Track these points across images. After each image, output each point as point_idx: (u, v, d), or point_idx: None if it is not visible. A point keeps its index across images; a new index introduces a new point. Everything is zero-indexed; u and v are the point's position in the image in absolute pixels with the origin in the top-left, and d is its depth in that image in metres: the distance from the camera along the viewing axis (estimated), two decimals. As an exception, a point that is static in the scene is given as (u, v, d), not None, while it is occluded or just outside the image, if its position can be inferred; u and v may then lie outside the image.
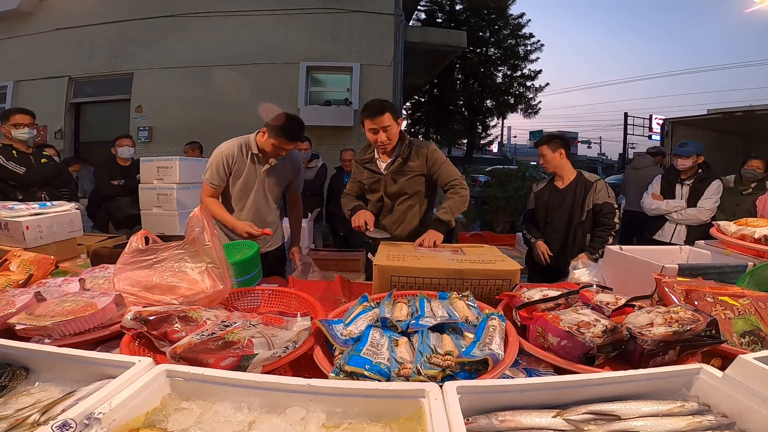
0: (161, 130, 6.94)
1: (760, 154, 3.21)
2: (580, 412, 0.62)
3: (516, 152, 30.76)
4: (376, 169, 1.95)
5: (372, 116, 1.78)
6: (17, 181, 2.61)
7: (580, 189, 2.24)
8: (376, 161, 1.97)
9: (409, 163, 1.89)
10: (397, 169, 1.89)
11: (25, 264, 1.30)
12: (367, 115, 1.79)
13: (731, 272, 1.28)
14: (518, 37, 14.69)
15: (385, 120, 1.78)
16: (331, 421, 0.60)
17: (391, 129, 1.81)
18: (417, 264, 1.25)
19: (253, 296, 1.25)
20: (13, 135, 2.59)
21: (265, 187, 1.98)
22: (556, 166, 2.32)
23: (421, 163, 1.89)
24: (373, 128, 1.80)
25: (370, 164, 1.98)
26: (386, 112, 1.78)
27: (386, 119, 1.78)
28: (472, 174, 9.90)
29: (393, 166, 1.90)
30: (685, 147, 2.87)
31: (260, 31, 6.78)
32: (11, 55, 7.31)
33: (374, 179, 1.97)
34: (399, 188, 1.92)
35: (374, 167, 1.96)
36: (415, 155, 1.89)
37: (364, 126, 1.84)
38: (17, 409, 0.62)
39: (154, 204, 3.19)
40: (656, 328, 0.81)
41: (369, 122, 1.80)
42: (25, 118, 2.63)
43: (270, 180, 1.98)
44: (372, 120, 1.78)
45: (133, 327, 0.85)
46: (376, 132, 1.80)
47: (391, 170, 1.90)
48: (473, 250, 1.48)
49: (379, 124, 1.78)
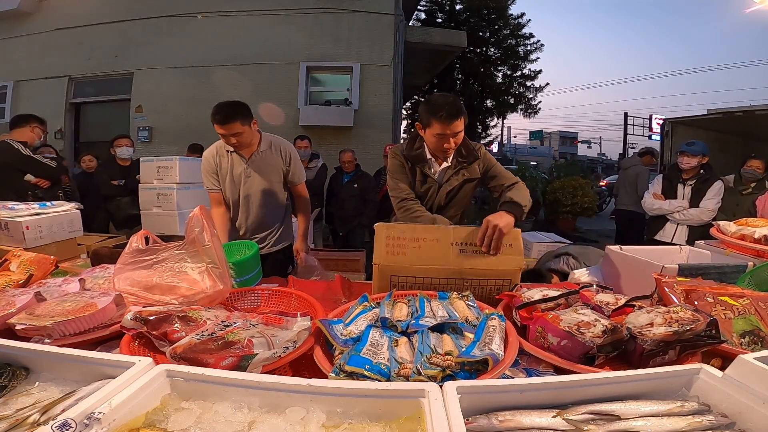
0: (161, 130, 6.95)
1: (760, 154, 3.21)
2: (580, 412, 0.62)
3: (516, 152, 30.74)
4: (429, 173, 1.62)
5: (447, 120, 1.43)
6: (47, 175, 2.67)
7: None
8: (429, 162, 1.62)
9: (464, 173, 1.60)
10: (454, 180, 1.60)
11: (25, 264, 1.30)
12: (440, 119, 1.43)
13: (731, 272, 1.28)
14: (518, 37, 14.68)
15: (460, 125, 1.46)
16: (331, 421, 0.60)
17: (461, 134, 1.51)
18: (417, 258, 1.21)
19: (253, 296, 1.25)
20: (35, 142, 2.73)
21: (255, 179, 1.95)
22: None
23: (474, 167, 1.61)
24: (443, 134, 1.45)
25: (422, 165, 1.61)
26: (461, 115, 1.45)
27: (461, 124, 1.47)
28: (472, 174, 9.90)
29: (455, 174, 1.60)
30: (693, 146, 2.86)
31: (260, 31, 6.78)
32: (11, 55, 7.32)
33: (426, 186, 1.63)
34: (451, 199, 1.64)
35: (427, 170, 1.62)
36: (467, 163, 1.61)
37: (426, 127, 1.50)
38: (17, 409, 0.62)
39: (154, 204, 3.19)
40: (656, 328, 0.81)
41: (440, 126, 1.44)
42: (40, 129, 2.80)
43: (257, 172, 1.95)
44: (447, 124, 1.43)
45: (133, 327, 0.85)
46: (446, 138, 1.46)
47: (452, 180, 1.60)
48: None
49: (453, 129, 1.45)
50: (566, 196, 7.14)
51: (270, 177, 1.98)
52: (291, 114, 6.64)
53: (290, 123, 6.54)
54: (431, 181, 1.62)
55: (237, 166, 1.94)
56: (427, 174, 1.62)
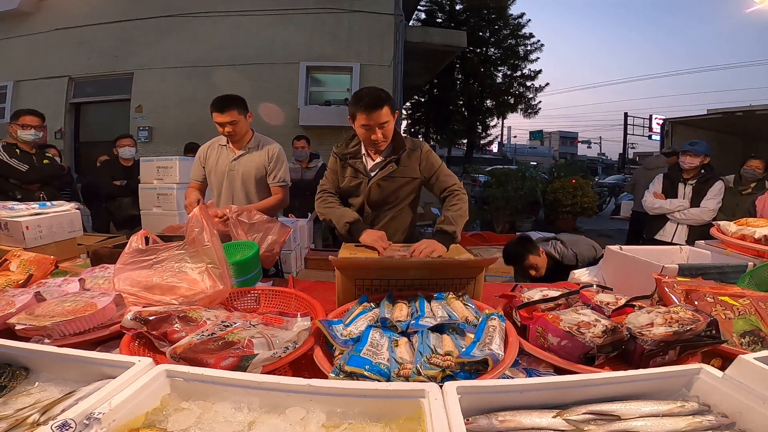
0: (161, 130, 6.95)
1: (760, 154, 3.21)
2: (580, 412, 0.62)
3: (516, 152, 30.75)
4: (361, 169, 1.63)
5: (367, 110, 1.46)
6: (19, 178, 2.63)
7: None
8: (362, 157, 1.64)
9: (401, 167, 1.59)
10: (386, 173, 1.59)
11: (25, 264, 1.30)
12: (361, 109, 1.48)
13: (731, 272, 1.28)
14: (518, 37, 14.69)
15: (383, 115, 1.47)
16: (331, 421, 0.60)
17: (389, 125, 1.51)
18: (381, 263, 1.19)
19: (253, 296, 1.25)
20: (18, 135, 2.64)
21: (236, 175, 2.03)
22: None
23: (413, 166, 1.61)
24: (367, 124, 1.49)
25: (354, 160, 1.64)
26: (384, 105, 1.47)
27: (384, 114, 1.47)
28: (472, 174, 9.91)
29: (383, 169, 1.59)
30: (696, 146, 2.87)
31: (260, 31, 6.79)
32: (11, 55, 7.33)
33: (357, 181, 1.64)
34: (386, 195, 1.62)
35: (359, 165, 1.63)
36: (407, 157, 1.60)
37: (354, 120, 1.53)
38: (17, 409, 0.62)
39: (154, 204, 3.20)
40: (656, 328, 0.81)
41: (363, 117, 1.48)
42: (33, 119, 2.68)
43: (240, 168, 2.03)
44: (367, 115, 1.47)
45: (133, 327, 0.85)
46: (371, 129, 1.49)
47: (378, 173, 1.60)
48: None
49: (375, 120, 1.47)
50: (566, 196, 7.14)
51: (252, 173, 2.05)
52: (291, 114, 6.65)
53: (290, 123, 6.54)
54: (362, 176, 1.64)
55: (223, 160, 2.05)
56: (358, 169, 1.63)
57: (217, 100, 1.93)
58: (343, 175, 1.68)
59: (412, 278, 1.18)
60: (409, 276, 1.18)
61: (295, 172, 3.88)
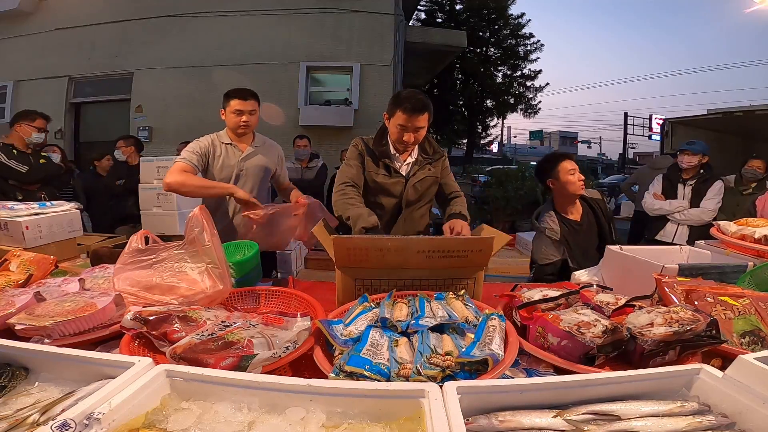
0: (161, 130, 6.95)
1: (760, 154, 3.21)
2: (580, 413, 0.62)
3: (516, 152, 30.78)
4: (395, 168, 1.68)
5: (411, 112, 1.51)
6: (19, 180, 2.64)
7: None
8: (393, 157, 1.69)
9: (430, 168, 1.70)
10: (420, 174, 1.69)
11: (25, 264, 1.30)
12: (405, 110, 1.51)
13: (731, 272, 1.28)
14: (518, 37, 14.71)
15: (422, 121, 1.54)
16: (331, 421, 0.60)
17: (423, 131, 1.59)
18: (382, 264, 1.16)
19: (253, 296, 1.25)
20: (32, 137, 2.67)
21: (248, 174, 1.94)
22: None
23: (437, 169, 1.73)
24: (404, 125, 1.53)
25: (387, 160, 1.68)
26: (426, 111, 1.54)
27: (423, 119, 1.54)
28: (472, 174, 9.91)
29: (421, 170, 1.69)
30: (694, 145, 2.87)
31: (260, 31, 6.79)
32: (11, 55, 7.33)
33: (393, 180, 1.68)
34: (420, 195, 1.71)
35: (392, 165, 1.68)
36: (437, 160, 1.72)
37: (391, 117, 1.57)
38: (17, 409, 0.62)
39: (154, 204, 3.19)
40: (656, 328, 0.81)
41: (403, 117, 1.52)
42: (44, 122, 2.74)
43: (249, 169, 1.94)
44: (408, 116, 1.52)
45: (132, 327, 0.85)
46: (407, 130, 1.55)
47: (418, 174, 1.69)
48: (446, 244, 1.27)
49: (413, 124, 1.53)
50: (566, 196, 7.11)
51: (261, 173, 1.99)
52: (291, 114, 6.64)
53: (290, 123, 6.54)
54: (398, 176, 1.68)
55: (231, 159, 1.93)
56: (393, 168, 1.67)
57: (238, 89, 1.89)
58: (375, 171, 1.68)
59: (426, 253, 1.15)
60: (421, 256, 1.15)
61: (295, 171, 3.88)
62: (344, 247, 1.15)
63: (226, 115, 1.91)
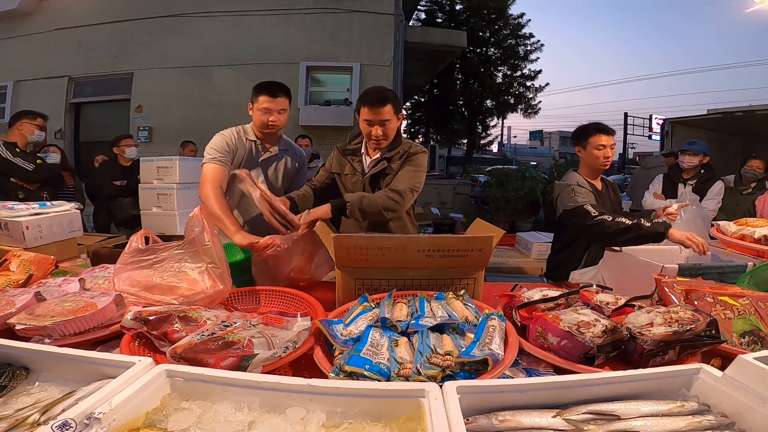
0: (161, 130, 6.95)
1: (760, 154, 3.21)
2: (580, 412, 0.62)
3: (516, 152, 30.75)
4: (358, 167, 1.67)
5: (371, 105, 1.53)
6: (23, 178, 2.65)
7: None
8: (362, 156, 1.68)
9: (392, 164, 1.62)
10: (379, 171, 1.62)
11: (25, 264, 1.30)
12: (366, 103, 1.54)
13: (731, 272, 1.28)
14: (518, 37, 14.71)
15: (385, 113, 1.53)
16: (331, 421, 0.60)
17: (390, 124, 1.56)
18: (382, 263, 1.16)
19: (253, 296, 1.25)
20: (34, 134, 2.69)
21: (265, 178, 1.81)
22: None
23: (398, 165, 1.63)
24: (369, 119, 1.55)
25: (354, 157, 1.69)
26: (388, 103, 1.53)
27: (386, 112, 1.54)
28: (472, 174, 9.90)
29: (375, 166, 1.62)
30: (695, 145, 2.87)
31: (260, 31, 6.79)
32: (11, 55, 7.33)
33: (354, 178, 1.68)
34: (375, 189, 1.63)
35: (358, 163, 1.68)
36: (398, 157, 1.62)
37: (359, 114, 1.59)
38: (17, 409, 0.62)
39: (154, 204, 3.19)
40: (656, 328, 0.81)
41: (366, 111, 1.54)
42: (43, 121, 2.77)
43: (270, 170, 1.82)
44: (370, 109, 1.53)
45: (133, 327, 0.85)
46: (372, 124, 1.55)
47: (372, 171, 1.63)
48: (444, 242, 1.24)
49: (377, 116, 1.53)
50: (566, 196, 7.11)
51: (280, 180, 1.87)
52: (291, 114, 6.59)
53: (290, 123, 6.48)
54: (358, 174, 1.67)
55: (253, 157, 1.79)
56: (355, 167, 1.69)
57: (268, 83, 1.72)
58: (342, 171, 1.72)
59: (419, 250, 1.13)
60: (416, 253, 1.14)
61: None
62: (344, 245, 1.15)
63: (253, 110, 1.75)
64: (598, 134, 1.84)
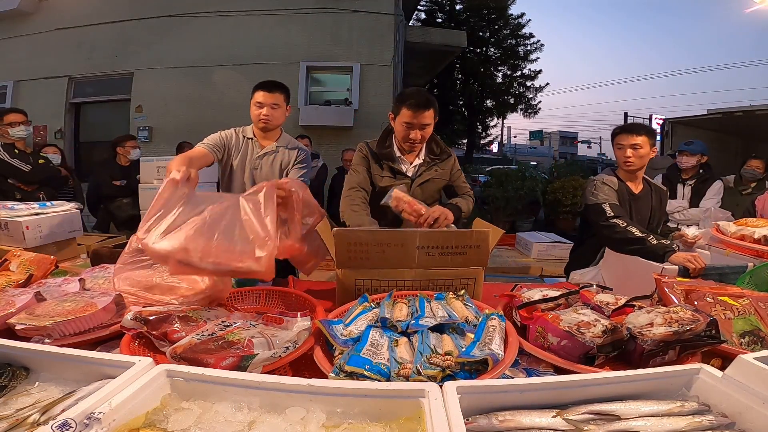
0: (161, 130, 6.94)
1: (760, 154, 3.21)
2: (580, 412, 0.62)
3: (516, 152, 30.74)
4: (399, 170, 1.66)
5: (415, 108, 1.50)
6: (20, 179, 2.63)
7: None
8: (398, 160, 1.66)
9: (437, 169, 1.66)
10: (426, 175, 1.65)
11: (25, 264, 1.30)
12: (409, 106, 1.51)
13: (731, 272, 1.28)
14: (518, 37, 14.69)
15: (428, 117, 1.52)
16: (331, 421, 0.60)
17: (429, 128, 1.56)
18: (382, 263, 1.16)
19: (253, 296, 1.25)
20: (11, 134, 2.61)
21: (259, 174, 1.84)
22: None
23: (445, 170, 1.69)
24: (410, 122, 1.52)
25: (391, 162, 1.65)
26: (431, 107, 1.52)
27: (429, 116, 1.52)
28: (472, 174, 9.90)
29: (427, 171, 1.64)
30: (692, 145, 2.87)
31: (260, 31, 6.78)
32: (11, 55, 7.31)
33: (397, 182, 1.65)
34: (425, 198, 1.64)
35: (397, 167, 1.65)
36: (445, 161, 1.67)
37: (397, 115, 1.56)
38: (17, 409, 0.62)
39: (154, 204, 3.19)
40: (656, 328, 0.81)
41: (409, 114, 1.51)
42: (17, 116, 2.65)
43: (264, 167, 1.85)
44: (414, 113, 1.50)
45: (133, 327, 0.85)
46: (413, 128, 1.53)
47: (423, 175, 1.65)
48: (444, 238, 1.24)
49: (419, 120, 1.51)
50: (566, 196, 7.14)
51: (276, 176, 1.88)
52: (291, 114, 6.61)
53: (290, 123, 6.52)
54: (402, 177, 1.66)
55: (249, 153, 1.85)
56: (398, 171, 1.65)
57: (265, 81, 1.80)
58: (380, 175, 1.66)
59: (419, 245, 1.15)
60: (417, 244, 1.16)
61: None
62: (345, 241, 1.15)
63: (250, 107, 1.83)
64: (619, 133, 1.78)
